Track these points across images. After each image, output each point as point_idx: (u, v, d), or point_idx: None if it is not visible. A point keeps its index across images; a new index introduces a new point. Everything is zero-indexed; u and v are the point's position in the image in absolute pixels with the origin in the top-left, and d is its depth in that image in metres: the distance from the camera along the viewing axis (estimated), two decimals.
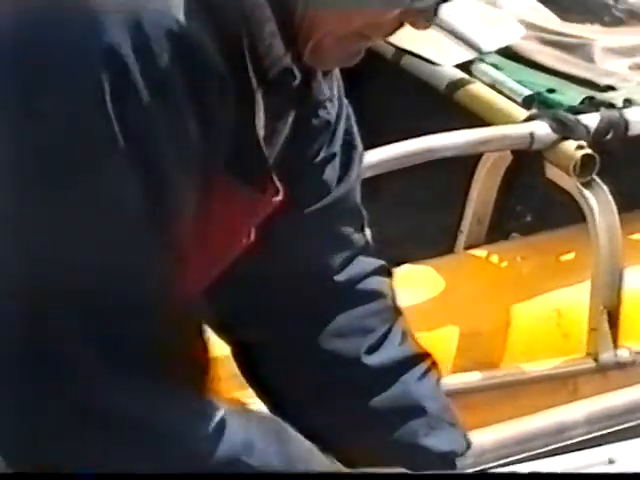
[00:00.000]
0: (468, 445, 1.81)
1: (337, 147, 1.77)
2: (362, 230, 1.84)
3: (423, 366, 1.82)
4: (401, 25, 1.57)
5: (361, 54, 1.61)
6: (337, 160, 1.78)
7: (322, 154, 1.76)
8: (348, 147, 1.80)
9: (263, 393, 1.76)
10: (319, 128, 1.74)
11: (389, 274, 1.87)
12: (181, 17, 1.43)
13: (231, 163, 1.52)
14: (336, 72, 1.75)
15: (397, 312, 1.85)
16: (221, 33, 1.47)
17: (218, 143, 1.50)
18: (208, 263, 1.59)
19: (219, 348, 1.73)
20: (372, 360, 1.77)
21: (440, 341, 2.70)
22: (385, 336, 1.80)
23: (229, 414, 1.54)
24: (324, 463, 1.59)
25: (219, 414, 1.53)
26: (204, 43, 1.45)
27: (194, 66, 1.45)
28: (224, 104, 1.48)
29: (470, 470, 1.86)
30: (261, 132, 1.54)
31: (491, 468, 1.98)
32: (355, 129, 1.82)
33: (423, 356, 1.83)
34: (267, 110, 1.55)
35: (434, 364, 1.84)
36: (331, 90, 1.75)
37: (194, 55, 1.45)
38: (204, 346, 1.60)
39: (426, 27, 1.59)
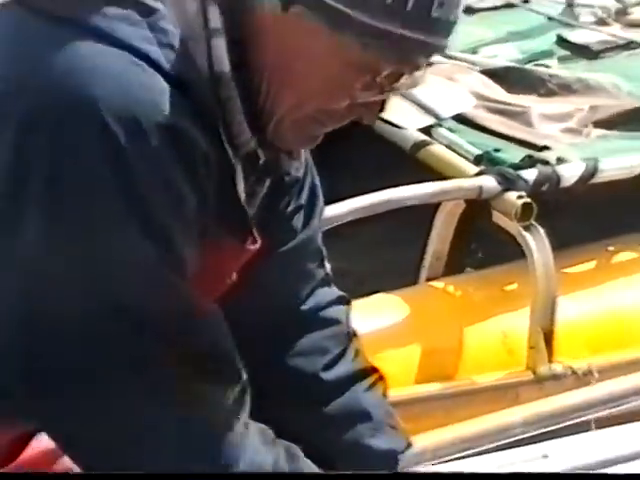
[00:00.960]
0: (408, 445, 1.80)
1: (304, 199, 1.77)
2: (323, 265, 1.83)
3: (370, 380, 1.81)
4: (352, 115, 1.55)
5: (319, 138, 1.58)
6: (303, 210, 1.77)
7: (292, 205, 1.75)
8: (312, 198, 1.79)
9: None
10: (290, 184, 1.74)
11: (347, 302, 1.86)
12: (167, 106, 1.41)
13: (219, 221, 1.51)
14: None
15: (351, 335, 1.83)
16: (201, 119, 1.45)
17: (207, 206, 1.48)
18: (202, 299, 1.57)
19: None
20: (328, 375, 1.77)
21: (405, 357, 2.73)
22: (340, 356, 1.79)
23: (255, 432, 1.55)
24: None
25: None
26: (188, 127, 1.43)
27: (183, 145, 1.43)
28: (210, 175, 1.47)
29: (428, 463, 1.88)
30: (242, 195, 1.54)
31: (447, 462, 1.98)
32: (318, 183, 1.81)
33: (371, 371, 1.82)
34: (246, 178, 1.55)
35: (380, 378, 1.83)
36: (299, 156, 1.73)
37: (181, 136, 1.43)
38: None
39: (372, 121, 1.57)
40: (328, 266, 1.85)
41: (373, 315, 2.71)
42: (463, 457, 2.00)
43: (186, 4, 1.48)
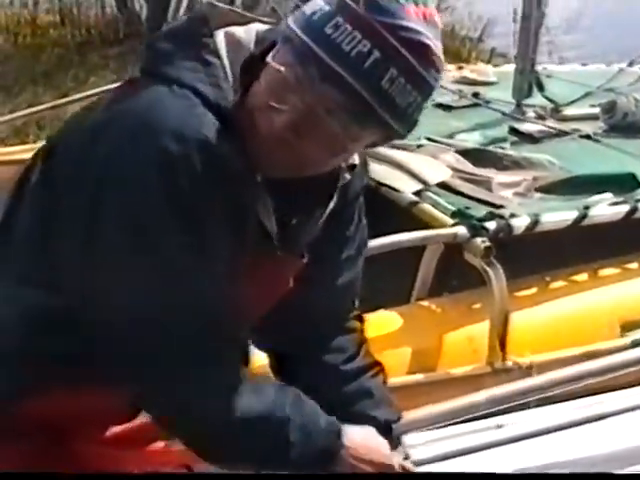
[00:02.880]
0: (399, 417, 1.76)
1: (350, 232, 1.69)
2: (354, 302, 1.78)
3: (375, 369, 1.78)
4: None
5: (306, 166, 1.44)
6: (349, 240, 1.70)
7: (336, 233, 1.66)
8: (358, 237, 1.72)
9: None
10: (332, 215, 1.61)
11: (361, 319, 1.82)
12: (214, 136, 1.35)
13: (257, 237, 1.45)
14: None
15: (363, 339, 1.80)
16: (242, 148, 1.39)
17: (248, 225, 1.42)
18: (264, 301, 1.55)
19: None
20: (346, 367, 1.74)
21: (399, 355, 2.73)
22: (355, 354, 1.76)
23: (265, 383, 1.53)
24: (326, 416, 1.56)
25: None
26: (232, 155, 1.37)
27: (221, 160, 1.36)
28: (248, 197, 1.41)
29: (413, 431, 1.84)
30: (272, 217, 1.46)
31: (427, 431, 1.92)
32: (365, 230, 1.72)
33: (376, 364, 1.79)
34: (277, 203, 1.46)
35: (382, 369, 1.79)
36: (347, 198, 1.63)
37: (226, 163, 1.36)
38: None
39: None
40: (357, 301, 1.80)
41: (377, 325, 2.70)
42: (439, 427, 1.94)
43: (238, 61, 1.44)
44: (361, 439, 1.60)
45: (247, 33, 1.48)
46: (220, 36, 1.46)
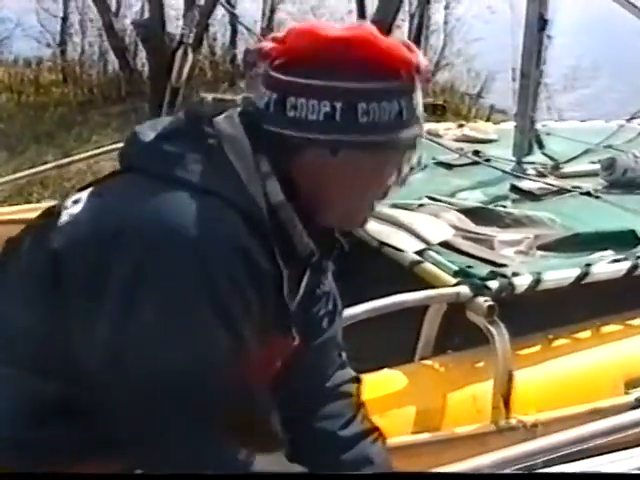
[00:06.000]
0: None
1: (330, 307, 1.76)
2: (341, 355, 1.82)
3: (374, 435, 1.80)
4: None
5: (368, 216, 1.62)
6: (329, 314, 1.76)
7: (322, 311, 1.75)
8: (334, 306, 1.78)
9: None
10: (321, 296, 1.73)
11: (358, 381, 1.84)
12: (244, 238, 1.42)
13: (270, 322, 1.50)
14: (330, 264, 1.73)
15: (360, 404, 1.82)
16: (261, 240, 1.44)
17: (265, 310, 1.48)
18: (255, 379, 1.56)
19: None
20: (343, 433, 1.75)
21: (403, 415, 2.70)
22: (352, 418, 1.78)
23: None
24: None
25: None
26: (253, 248, 1.43)
27: (251, 263, 1.43)
28: (268, 285, 1.47)
29: None
30: (287, 301, 1.52)
31: None
32: (337, 296, 1.79)
33: (374, 429, 1.81)
34: (290, 287, 1.52)
35: (380, 434, 1.81)
36: (327, 275, 1.74)
37: (249, 256, 1.42)
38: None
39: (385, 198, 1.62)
40: (344, 354, 1.84)
41: (381, 384, 2.70)
42: None
43: (245, 159, 1.48)
44: None
45: (234, 128, 1.53)
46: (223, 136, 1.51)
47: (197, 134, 1.50)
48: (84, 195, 1.55)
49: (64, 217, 1.52)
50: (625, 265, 3.11)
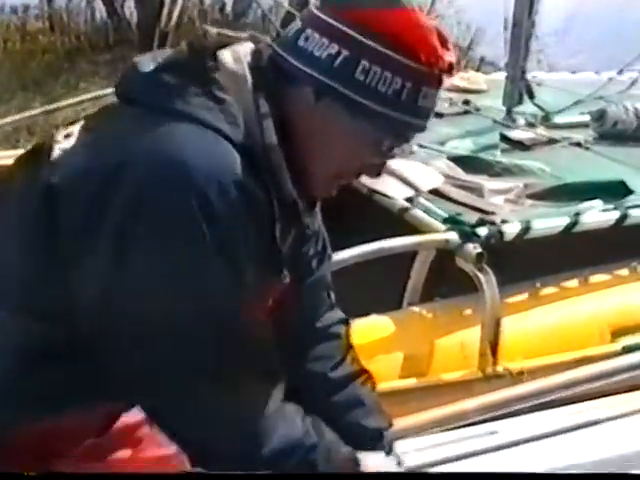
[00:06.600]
0: (390, 424, 1.79)
1: (319, 247, 1.76)
2: (330, 295, 1.82)
3: (363, 377, 1.80)
4: (360, 174, 1.58)
5: (336, 190, 1.60)
6: (318, 255, 1.76)
7: (311, 251, 1.74)
8: (324, 247, 1.78)
9: None
10: (310, 236, 1.72)
11: (347, 323, 1.85)
12: (238, 169, 1.41)
13: (264, 260, 1.49)
14: (318, 205, 1.72)
15: (349, 345, 1.82)
16: (258, 177, 1.44)
17: (261, 244, 1.47)
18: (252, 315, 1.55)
19: None
20: (333, 375, 1.76)
21: (390, 360, 2.72)
22: (342, 361, 1.78)
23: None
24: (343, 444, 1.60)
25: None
26: (251, 184, 1.42)
27: (249, 198, 1.42)
28: (264, 220, 1.46)
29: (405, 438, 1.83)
30: (279, 239, 1.52)
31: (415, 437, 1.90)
32: (326, 237, 1.79)
33: (363, 371, 1.81)
34: (282, 227, 1.52)
35: (370, 376, 1.82)
36: (316, 217, 1.73)
37: (247, 191, 1.41)
38: None
39: (375, 177, 1.59)
40: (333, 295, 1.84)
41: (369, 330, 2.70)
42: (431, 434, 1.92)
43: (244, 96, 1.47)
44: (374, 467, 1.63)
45: (237, 63, 1.51)
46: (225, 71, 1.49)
47: (199, 67, 1.47)
48: (75, 129, 1.52)
49: (57, 151, 1.50)
50: (614, 215, 3.11)
